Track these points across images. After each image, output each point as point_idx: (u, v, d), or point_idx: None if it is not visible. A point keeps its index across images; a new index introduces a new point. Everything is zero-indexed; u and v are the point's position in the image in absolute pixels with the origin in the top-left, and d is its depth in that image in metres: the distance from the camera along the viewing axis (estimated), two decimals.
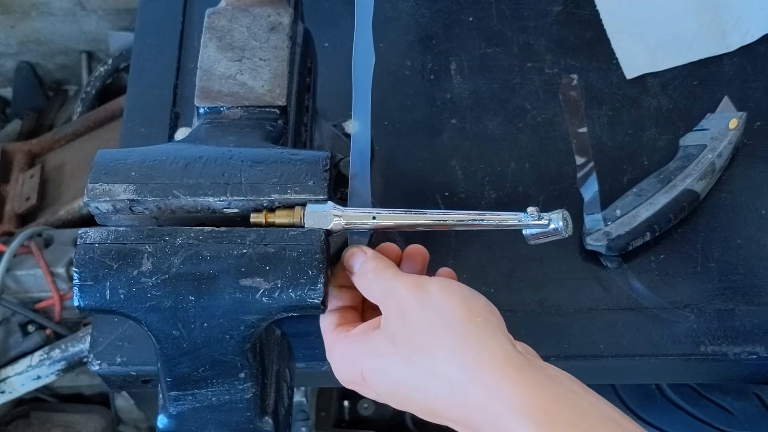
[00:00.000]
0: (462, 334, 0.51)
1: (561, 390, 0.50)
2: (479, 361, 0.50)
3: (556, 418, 0.48)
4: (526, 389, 0.49)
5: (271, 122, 0.62)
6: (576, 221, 0.71)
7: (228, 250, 0.53)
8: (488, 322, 0.52)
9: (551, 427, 0.48)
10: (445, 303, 0.52)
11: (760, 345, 0.75)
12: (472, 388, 0.49)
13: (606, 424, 0.49)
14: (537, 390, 0.49)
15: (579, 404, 0.50)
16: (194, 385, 0.56)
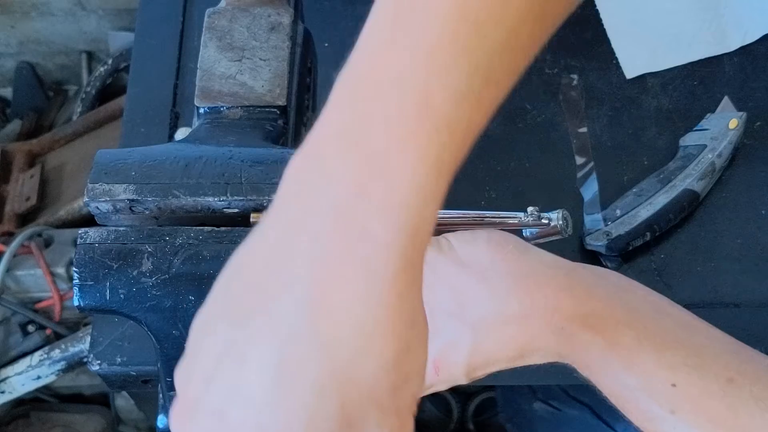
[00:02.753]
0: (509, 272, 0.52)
1: (611, 289, 0.51)
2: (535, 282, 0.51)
3: (609, 321, 0.50)
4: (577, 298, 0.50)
5: (271, 122, 0.63)
6: (576, 221, 0.71)
7: (228, 250, 0.53)
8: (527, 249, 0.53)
9: (607, 332, 0.49)
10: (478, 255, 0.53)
11: (760, 345, 0.74)
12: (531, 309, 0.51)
13: (658, 316, 0.50)
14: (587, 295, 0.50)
15: (630, 300, 0.51)
16: None
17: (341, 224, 0.35)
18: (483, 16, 0.35)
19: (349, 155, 0.35)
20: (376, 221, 0.34)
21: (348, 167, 0.35)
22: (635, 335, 0.50)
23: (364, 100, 0.36)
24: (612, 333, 0.50)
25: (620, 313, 0.50)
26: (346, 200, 0.35)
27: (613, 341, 0.50)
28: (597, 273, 0.53)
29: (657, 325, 0.50)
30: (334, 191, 0.35)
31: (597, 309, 0.50)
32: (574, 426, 0.93)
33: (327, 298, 0.34)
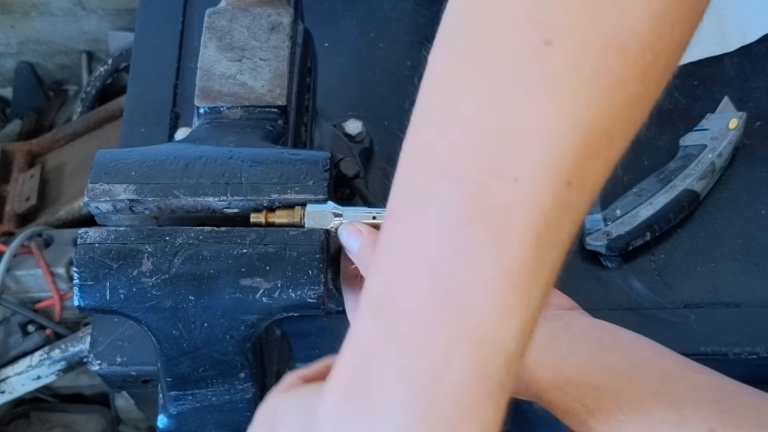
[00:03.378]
0: None
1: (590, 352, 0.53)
2: None
3: (587, 388, 0.52)
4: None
5: (271, 122, 0.63)
6: None
7: (228, 250, 0.53)
8: None
9: (585, 399, 0.51)
10: None
11: (760, 345, 0.75)
12: None
13: (638, 373, 0.52)
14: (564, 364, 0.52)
15: (609, 361, 0.52)
16: (194, 385, 0.56)
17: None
18: (522, 280, 0.38)
19: (418, 427, 0.37)
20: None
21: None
22: (614, 399, 0.51)
23: (425, 370, 0.37)
24: (590, 399, 0.51)
25: (598, 378, 0.52)
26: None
27: (592, 408, 0.51)
28: (579, 335, 0.55)
29: (636, 385, 0.51)
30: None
31: (574, 377, 0.52)
32: None
33: None
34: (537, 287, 0.38)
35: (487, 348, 0.37)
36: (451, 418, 0.37)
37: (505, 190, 0.37)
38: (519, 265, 0.37)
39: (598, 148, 0.37)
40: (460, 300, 0.37)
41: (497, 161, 0.37)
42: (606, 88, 0.37)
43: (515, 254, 0.37)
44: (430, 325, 0.37)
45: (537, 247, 0.38)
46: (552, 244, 0.39)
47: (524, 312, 0.38)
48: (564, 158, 0.37)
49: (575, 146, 0.37)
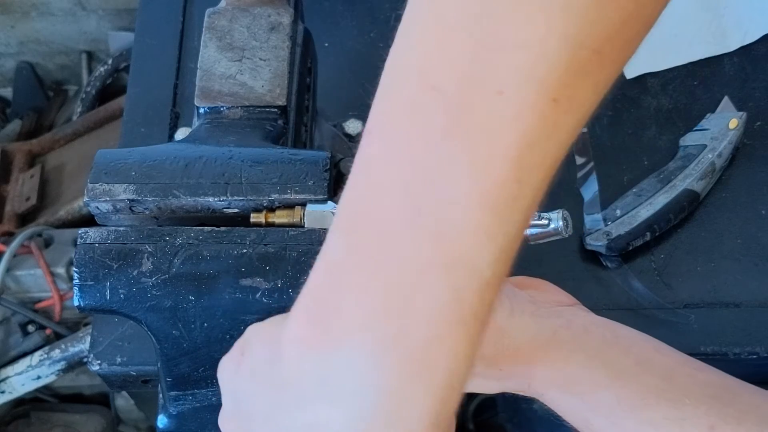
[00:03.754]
0: None
1: (592, 349, 0.53)
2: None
3: (588, 385, 0.52)
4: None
5: (271, 122, 0.63)
6: (576, 221, 0.71)
7: (228, 250, 0.53)
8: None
9: (586, 396, 0.52)
10: None
11: (760, 345, 0.75)
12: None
13: (639, 370, 0.52)
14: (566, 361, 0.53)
15: (611, 357, 0.53)
16: (194, 385, 0.56)
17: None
18: (501, 201, 0.35)
19: (383, 354, 0.35)
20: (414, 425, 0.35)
21: (383, 368, 0.35)
22: (615, 396, 0.51)
23: (394, 292, 0.35)
24: (591, 397, 0.52)
25: (600, 375, 0.52)
26: (382, 406, 0.35)
27: (593, 404, 0.52)
28: (580, 332, 0.55)
29: (637, 381, 0.51)
30: (366, 397, 0.35)
31: (575, 375, 0.52)
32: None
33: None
34: (517, 211, 0.36)
35: (460, 271, 0.35)
36: (420, 344, 0.35)
37: (487, 103, 0.35)
38: (499, 185, 0.35)
39: (588, 66, 0.35)
40: (434, 219, 0.35)
41: (481, 72, 0.35)
42: (598, 2, 0.35)
43: (495, 173, 0.35)
44: (401, 245, 0.35)
45: (519, 168, 0.35)
46: (535, 165, 0.36)
47: (502, 237, 0.35)
48: (551, 73, 0.35)
49: (563, 61, 0.35)
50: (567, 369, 0.52)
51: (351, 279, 0.37)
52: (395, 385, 0.35)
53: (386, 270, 0.36)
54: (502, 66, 0.34)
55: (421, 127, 0.36)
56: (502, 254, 0.36)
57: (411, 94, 0.36)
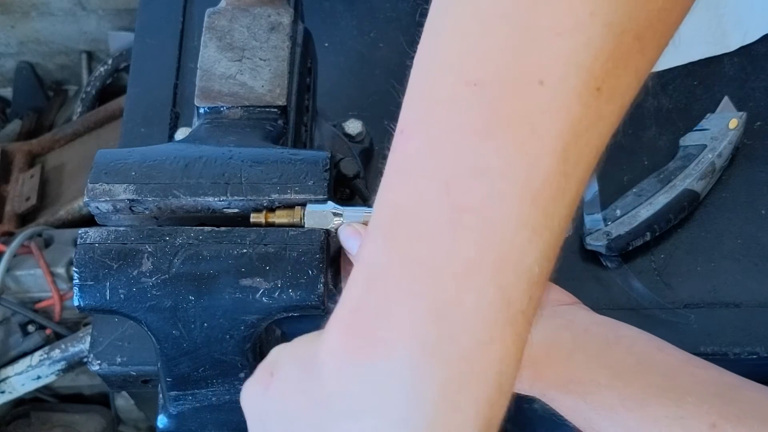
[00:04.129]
0: None
1: (593, 349, 0.53)
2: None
3: (590, 385, 0.52)
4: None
5: (271, 122, 0.63)
6: (576, 221, 0.71)
7: (228, 250, 0.53)
8: None
9: (588, 396, 0.51)
10: None
11: (760, 345, 0.75)
12: None
13: (641, 369, 0.52)
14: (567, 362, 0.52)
15: (612, 357, 0.52)
16: (194, 385, 0.56)
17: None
18: (547, 195, 0.34)
19: (431, 361, 0.33)
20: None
21: (432, 375, 0.33)
22: (617, 395, 0.51)
23: (440, 295, 0.33)
24: (593, 396, 0.51)
25: (601, 375, 0.52)
26: (432, 415, 0.33)
27: (595, 404, 0.51)
28: (581, 332, 0.55)
29: (639, 380, 0.51)
30: (415, 407, 0.33)
31: (577, 375, 0.52)
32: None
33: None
34: (563, 205, 0.34)
35: (508, 271, 0.33)
36: (469, 348, 0.33)
37: (529, 94, 0.33)
38: (544, 179, 0.33)
39: (630, 53, 0.34)
40: (478, 218, 0.33)
41: (521, 62, 0.33)
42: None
43: (540, 167, 0.33)
44: (445, 246, 0.33)
45: (564, 161, 0.34)
46: (579, 158, 0.35)
47: (548, 233, 0.34)
48: (595, 60, 0.33)
49: (607, 48, 0.33)
50: (568, 368, 0.52)
51: (393, 283, 0.34)
52: (444, 392, 0.33)
53: (430, 272, 0.34)
54: (544, 55, 0.33)
55: (460, 123, 0.34)
56: (549, 250, 0.34)
57: (448, 91, 0.34)
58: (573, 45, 0.33)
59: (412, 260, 0.34)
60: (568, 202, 0.35)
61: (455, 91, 0.34)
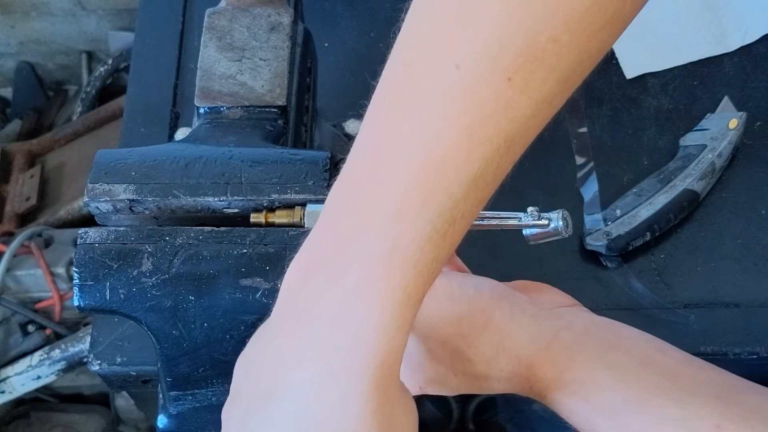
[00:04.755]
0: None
1: (595, 350, 0.54)
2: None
3: (592, 387, 0.53)
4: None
5: (271, 122, 0.63)
6: (576, 221, 0.71)
7: (228, 250, 0.53)
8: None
9: (590, 398, 0.52)
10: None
11: (760, 345, 0.75)
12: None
13: (643, 371, 0.52)
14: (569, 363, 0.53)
15: (614, 358, 0.53)
16: (194, 385, 0.56)
17: (323, 356, 0.40)
18: (448, 165, 0.39)
19: (329, 291, 0.40)
20: (352, 353, 0.39)
21: (328, 303, 0.40)
22: (619, 397, 0.51)
23: (344, 240, 0.41)
24: (595, 398, 0.52)
25: (603, 376, 0.52)
26: (325, 335, 0.40)
27: (597, 405, 0.51)
28: (582, 333, 0.55)
29: (641, 382, 0.51)
30: (315, 325, 0.41)
31: (579, 376, 0.52)
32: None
33: (315, 416, 0.40)
34: (465, 176, 0.39)
35: (403, 222, 0.39)
36: (360, 281, 0.40)
37: (446, 75, 0.39)
38: (446, 148, 0.39)
39: (544, 52, 0.39)
40: (388, 174, 0.40)
41: (443, 48, 0.39)
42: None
43: (444, 138, 0.39)
44: (361, 197, 0.41)
45: (468, 137, 0.39)
46: (486, 138, 0.39)
47: (446, 198, 0.39)
48: (506, 53, 0.38)
49: (518, 44, 0.38)
50: (569, 370, 0.52)
51: (322, 227, 0.42)
52: (337, 317, 0.40)
53: (344, 218, 0.41)
54: (462, 43, 0.39)
55: (390, 95, 0.41)
56: (446, 213, 0.40)
57: (392, 70, 0.42)
58: (487, 37, 0.39)
59: (337, 207, 0.42)
60: (470, 175, 0.40)
61: (396, 70, 0.42)
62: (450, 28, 0.39)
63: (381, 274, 0.39)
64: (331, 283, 0.40)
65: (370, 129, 0.42)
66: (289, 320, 0.42)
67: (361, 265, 0.40)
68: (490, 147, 0.39)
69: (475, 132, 0.39)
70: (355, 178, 0.42)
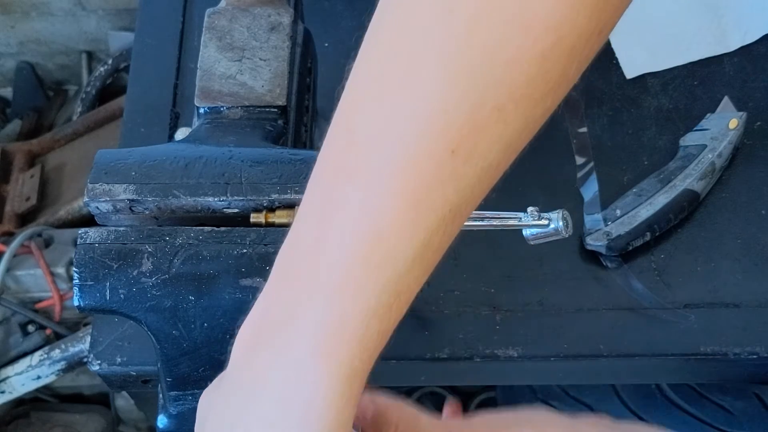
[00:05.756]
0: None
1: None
2: None
3: None
4: None
5: (271, 122, 0.63)
6: (576, 221, 0.71)
7: (228, 250, 0.53)
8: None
9: None
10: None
11: (760, 345, 0.75)
12: None
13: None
14: None
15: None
16: (194, 385, 0.56)
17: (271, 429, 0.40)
18: (392, 238, 0.39)
19: (277, 362, 0.40)
20: (301, 429, 0.39)
21: (276, 377, 0.40)
22: None
23: (291, 308, 0.40)
24: None
25: None
26: (275, 410, 0.40)
27: None
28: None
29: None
30: (265, 400, 0.40)
31: None
32: None
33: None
34: (410, 248, 0.39)
35: (346, 296, 0.39)
36: (304, 355, 0.40)
37: (389, 147, 0.38)
38: (390, 221, 0.39)
39: (488, 121, 0.38)
40: (335, 245, 0.39)
41: (386, 119, 0.39)
42: (502, 63, 0.37)
43: (387, 210, 0.39)
44: (304, 268, 0.41)
45: (413, 209, 0.39)
46: (430, 210, 0.39)
47: (391, 269, 0.39)
48: (450, 126, 0.38)
49: (462, 116, 0.38)
50: None
51: (272, 287, 0.43)
52: (284, 392, 0.40)
53: (292, 284, 0.41)
54: (406, 115, 0.38)
55: (335, 160, 0.41)
56: (391, 286, 0.39)
57: (334, 131, 0.42)
58: (430, 110, 0.38)
59: (279, 272, 0.42)
60: (416, 248, 0.39)
61: (340, 135, 0.41)
62: (393, 98, 0.39)
63: (327, 349, 0.39)
64: (280, 356, 0.40)
65: (316, 192, 0.42)
66: (241, 389, 0.42)
67: (308, 339, 0.40)
68: (435, 218, 0.39)
69: (419, 204, 0.39)
70: (302, 244, 0.41)
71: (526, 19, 0.37)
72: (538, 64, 0.38)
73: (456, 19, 0.37)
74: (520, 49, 0.37)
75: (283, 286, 0.42)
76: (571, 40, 0.38)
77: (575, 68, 0.40)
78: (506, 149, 0.40)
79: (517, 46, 0.37)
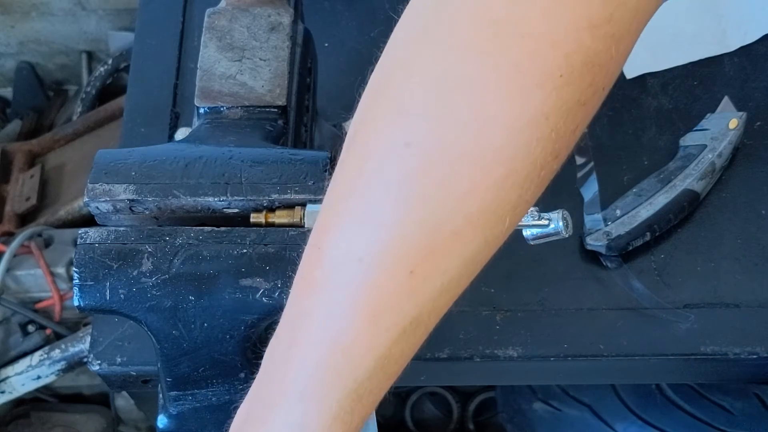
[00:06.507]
0: None
1: None
2: None
3: None
4: None
5: (271, 122, 0.63)
6: (576, 221, 0.71)
7: (228, 250, 0.53)
8: None
9: None
10: None
11: (760, 345, 0.75)
12: None
13: None
14: None
15: None
16: (194, 385, 0.56)
17: None
18: (353, 350, 0.41)
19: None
20: None
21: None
22: None
23: (266, 407, 0.44)
24: None
25: None
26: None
27: None
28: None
29: None
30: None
31: None
32: (574, 426, 0.93)
33: None
34: (370, 359, 0.42)
35: (311, 403, 0.42)
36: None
37: (349, 267, 0.41)
38: (351, 334, 0.41)
39: (446, 244, 0.40)
40: (301, 356, 0.42)
41: (349, 242, 0.41)
42: (456, 194, 0.40)
43: (348, 325, 0.41)
44: (275, 376, 0.44)
45: (373, 324, 0.41)
46: (390, 324, 0.41)
47: (352, 380, 0.42)
48: (407, 248, 0.40)
49: (419, 241, 0.40)
50: None
51: (259, 383, 0.46)
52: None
53: (270, 382, 0.44)
54: (367, 238, 0.41)
55: (304, 273, 0.44)
56: (352, 393, 0.42)
57: (307, 248, 0.44)
58: (389, 235, 0.40)
59: (269, 374, 0.45)
60: (377, 359, 0.42)
61: (309, 249, 0.44)
62: (354, 224, 0.41)
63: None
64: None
65: (293, 300, 0.45)
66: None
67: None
68: (396, 331, 0.41)
69: (379, 319, 0.41)
70: (281, 347, 0.44)
71: (478, 154, 0.39)
72: (493, 194, 0.40)
73: (411, 153, 0.40)
74: (473, 182, 0.40)
75: (263, 385, 0.45)
76: (525, 169, 0.41)
77: (533, 191, 0.42)
78: (466, 266, 0.42)
79: (470, 180, 0.40)
